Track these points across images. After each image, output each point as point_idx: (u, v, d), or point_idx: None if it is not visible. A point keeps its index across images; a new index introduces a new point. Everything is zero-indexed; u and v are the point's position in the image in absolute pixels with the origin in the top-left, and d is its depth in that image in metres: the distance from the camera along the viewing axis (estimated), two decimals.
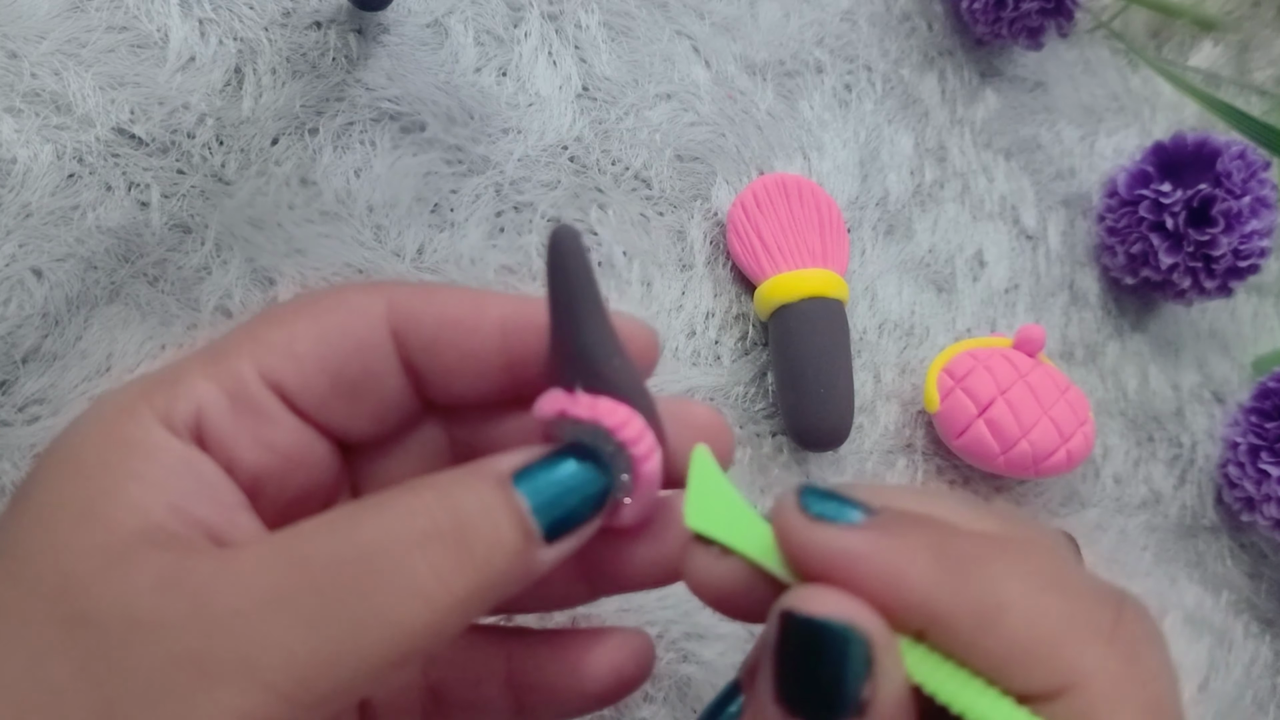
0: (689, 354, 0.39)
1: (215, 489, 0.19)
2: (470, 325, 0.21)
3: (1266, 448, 0.45)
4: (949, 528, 0.19)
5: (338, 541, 0.18)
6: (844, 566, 0.18)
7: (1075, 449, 0.41)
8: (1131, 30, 0.54)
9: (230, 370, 0.20)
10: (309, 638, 0.17)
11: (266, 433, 0.20)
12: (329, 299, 0.21)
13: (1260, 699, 0.46)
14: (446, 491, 0.19)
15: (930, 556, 0.18)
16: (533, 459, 0.20)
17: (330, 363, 0.21)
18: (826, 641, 0.18)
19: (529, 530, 0.19)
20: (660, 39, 0.42)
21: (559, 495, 0.19)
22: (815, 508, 0.19)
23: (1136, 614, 0.18)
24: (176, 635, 0.16)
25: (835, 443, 0.39)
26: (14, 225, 0.31)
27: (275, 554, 0.17)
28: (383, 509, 0.18)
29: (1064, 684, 0.17)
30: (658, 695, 0.35)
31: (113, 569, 0.17)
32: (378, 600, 0.17)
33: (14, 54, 0.32)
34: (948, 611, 0.18)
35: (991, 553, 0.18)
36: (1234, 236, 0.44)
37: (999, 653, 0.17)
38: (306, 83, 0.36)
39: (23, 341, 0.31)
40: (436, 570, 0.18)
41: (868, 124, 0.45)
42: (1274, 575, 0.49)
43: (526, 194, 0.38)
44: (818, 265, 0.39)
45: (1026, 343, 0.42)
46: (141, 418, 0.19)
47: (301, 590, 0.17)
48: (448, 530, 0.18)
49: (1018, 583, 0.18)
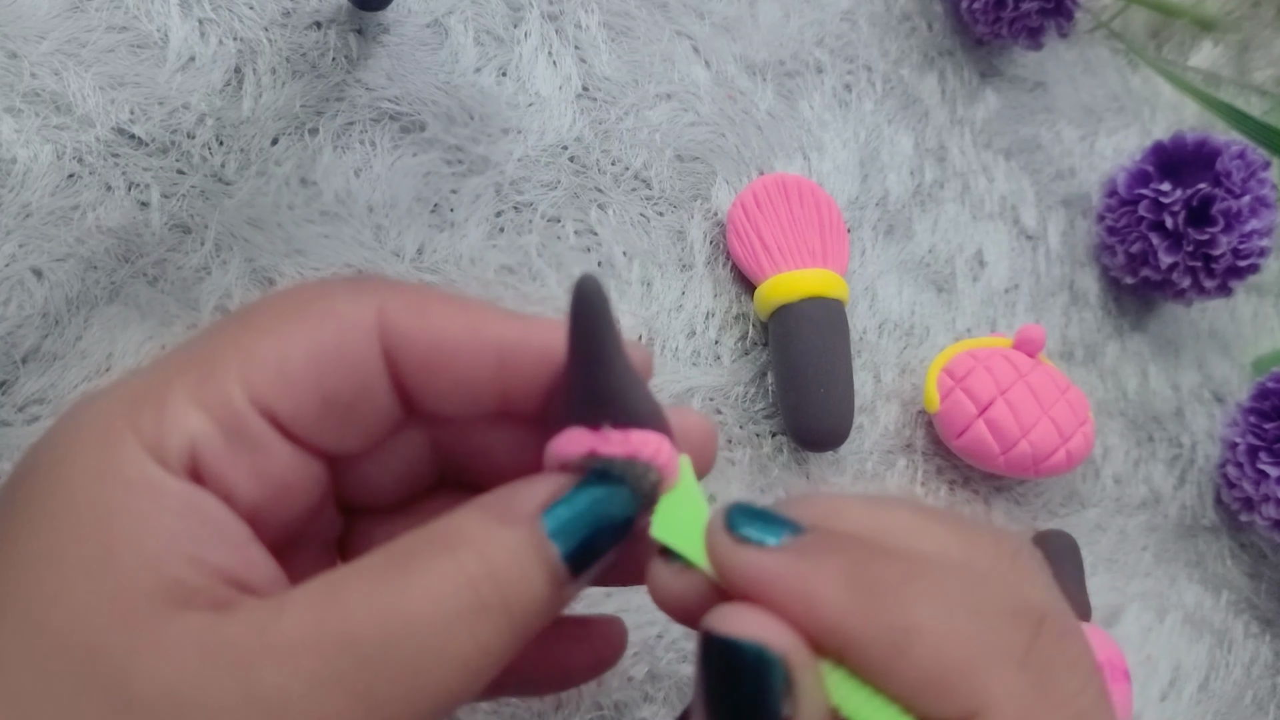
0: (689, 354, 0.39)
1: (223, 529, 0.19)
2: (466, 352, 0.21)
3: (1265, 448, 0.45)
4: (871, 550, 0.19)
5: (384, 617, 0.17)
6: (761, 589, 0.18)
7: (1075, 449, 0.41)
8: (1131, 30, 0.54)
9: (220, 395, 0.19)
10: (358, 713, 0.17)
11: (260, 464, 0.19)
12: (318, 306, 0.20)
13: (1260, 699, 0.46)
14: (482, 551, 0.18)
15: (843, 581, 0.18)
16: (558, 493, 0.20)
17: (324, 386, 0.20)
18: (742, 661, 0.18)
19: (560, 576, 0.19)
20: (660, 39, 0.42)
21: (586, 531, 0.19)
22: (740, 528, 0.19)
23: (1056, 634, 0.18)
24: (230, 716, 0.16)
25: (835, 443, 0.39)
26: (14, 225, 0.31)
27: (321, 626, 0.17)
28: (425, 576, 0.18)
29: (971, 710, 0.17)
30: (658, 695, 0.35)
31: (146, 640, 0.16)
32: (426, 676, 0.17)
33: (14, 54, 0.32)
34: (858, 636, 0.18)
35: (906, 576, 0.18)
36: (1234, 236, 0.44)
37: (909, 679, 0.17)
38: (306, 83, 0.36)
39: (23, 341, 0.31)
40: (478, 638, 0.18)
41: (868, 124, 0.45)
42: (1274, 575, 0.49)
43: (526, 194, 0.38)
44: (818, 265, 0.39)
45: (1026, 343, 0.42)
46: (131, 449, 0.18)
47: (351, 670, 0.17)
48: (490, 598, 0.18)
49: (928, 607, 0.18)
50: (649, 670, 0.35)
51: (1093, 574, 0.44)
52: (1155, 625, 0.45)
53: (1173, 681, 0.45)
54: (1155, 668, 0.44)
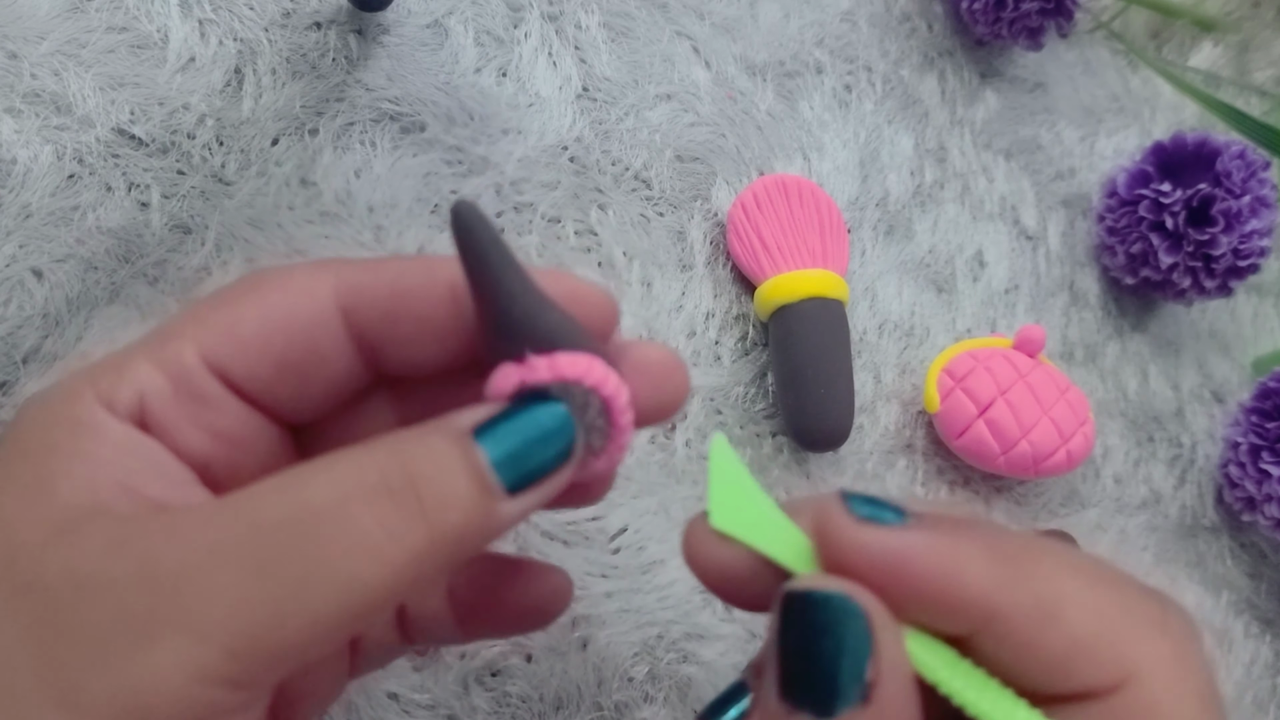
0: (689, 354, 0.39)
1: (163, 467, 0.19)
2: (421, 292, 0.21)
3: (1267, 447, 0.45)
4: (992, 527, 0.19)
5: (284, 498, 0.17)
6: (897, 567, 0.18)
7: (1075, 449, 0.41)
8: (1131, 31, 0.54)
9: (173, 354, 0.20)
10: (254, 592, 0.16)
11: (209, 418, 0.20)
12: (274, 279, 0.21)
13: (1260, 699, 0.46)
14: (398, 448, 0.18)
15: (985, 554, 0.18)
16: (494, 412, 0.19)
17: (275, 345, 0.20)
18: (828, 617, 0.18)
19: (486, 482, 0.18)
20: (660, 39, 0.42)
21: (523, 446, 0.19)
22: (860, 510, 0.19)
23: (1178, 609, 0.19)
24: (122, 594, 0.16)
25: (835, 443, 0.39)
26: (14, 226, 0.31)
27: (221, 512, 0.17)
28: (332, 466, 0.18)
29: (1126, 676, 0.17)
30: (658, 696, 0.35)
31: (61, 537, 0.17)
32: (324, 556, 0.17)
33: (14, 54, 0.32)
34: (1007, 608, 0.18)
35: (1041, 550, 0.19)
36: (1234, 236, 0.44)
37: (1060, 648, 0.18)
38: (306, 83, 0.36)
39: (23, 342, 0.31)
40: (386, 525, 0.17)
41: (868, 124, 0.45)
42: (1274, 575, 0.49)
43: (526, 194, 0.38)
44: (818, 266, 0.39)
45: (1026, 343, 0.42)
46: (84, 400, 0.19)
47: (246, 545, 0.17)
48: (397, 484, 0.18)
49: (1071, 578, 0.18)
50: (649, 671, 0.35)
51: None
52: None
53: None
54: None
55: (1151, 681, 0.17)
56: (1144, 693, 0.17)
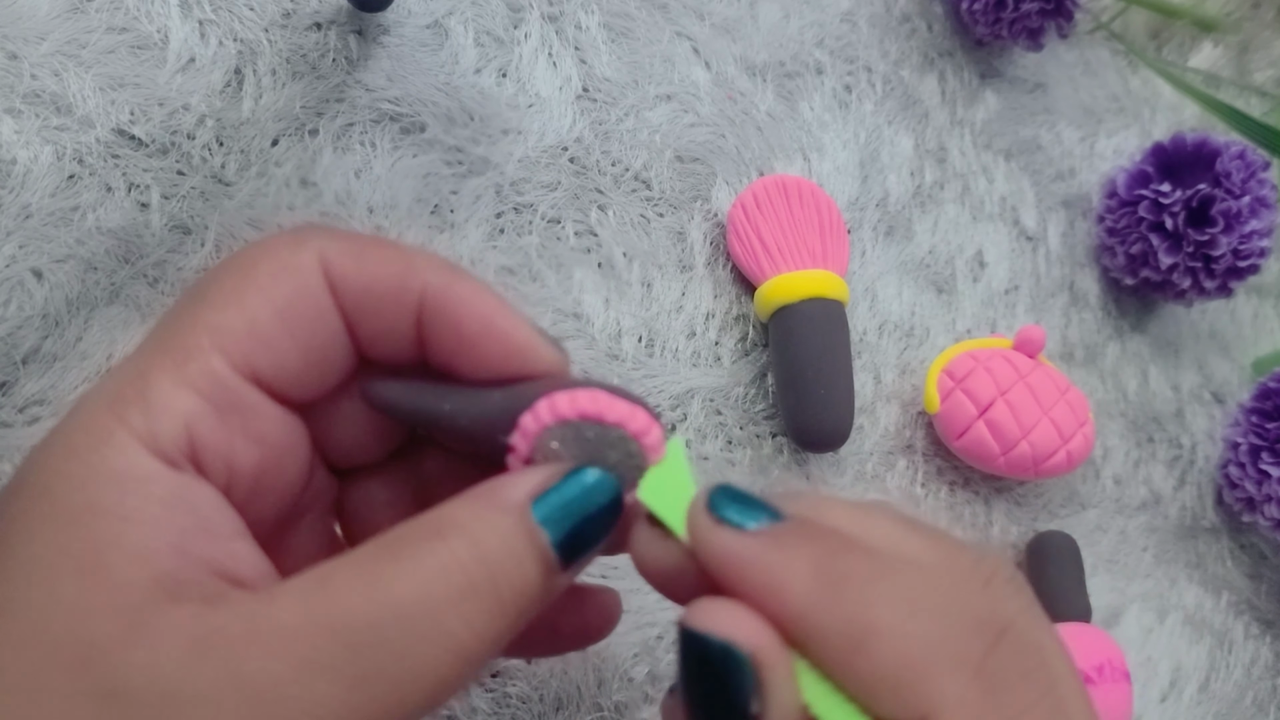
0: (689, 355, 0.39)
1: (211, 519, 0.19)
2: (392, 298, 0.21)
3: (1267, 448, 0.45)
4: (843, 544, 0.19)
5: (373, 602, 0.17)
6: (732, 572, 0.19)
7: (1075, 450, 0.41)
8: (1131, 31, 0.54)
9: (204, 371, 0.19)
10: (350, 700, 0.17)
11: (255, 427, 0.20)
12: (265, 262, 0.20)
13: (1260, 700, 0.46)
14: (474, 537, 0.18)
15: (810, 572, 0.18)
16: (547, 482, 0.20)
17: (296, 335, 0.20)
18: (711, 657, 0.18)
19: (551, 564, 0.19)
20: (660, 40, 0.42)
21: (576, 520, 0.20)
22: (720, 510, 0.19)
23: (1016, 646, 0.18)
24: (216, 708, 0.16)
25: (835, 444, 0.39)
26: (14, 226, 0.31)
27: (310, 614, 0.17)
28: (415, 562, 0.18)
29: (922, 713, 0.17)
30: (658, 696, 0.35)
31: (135, 633, 0.16)
32: (416, 660, 0.17)
33: (14, 55, 0.32)
34: (820, 628, 0.18)
35: (873, 573, 0.18)
36: (1233, 237, 0.44)
37: (866, 676, 0.17)
38: (306, 84, 0.36)
39: (23, 342, 0.31)
40: (469, 623, 0.18)
41: (868, 125, 0.45)
42: (1274, 576, 0.49)
43: (527, 195, 0.38)
44: (818, 266, 0.39)
45: (1026, 344, 0.42)
46: (121, 444, 0.18)
47: (341, 656, 0.17)
48: (480, 582, 0.18)
49: (891, 606, 0.18)
50: (649, 671, 0.35)
51: (1093, 575, 0.44)
52: (1155, 626, 0.45)
53: (1173, 682, 0.45)
54: (1155, 669, 0.44)
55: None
56: None
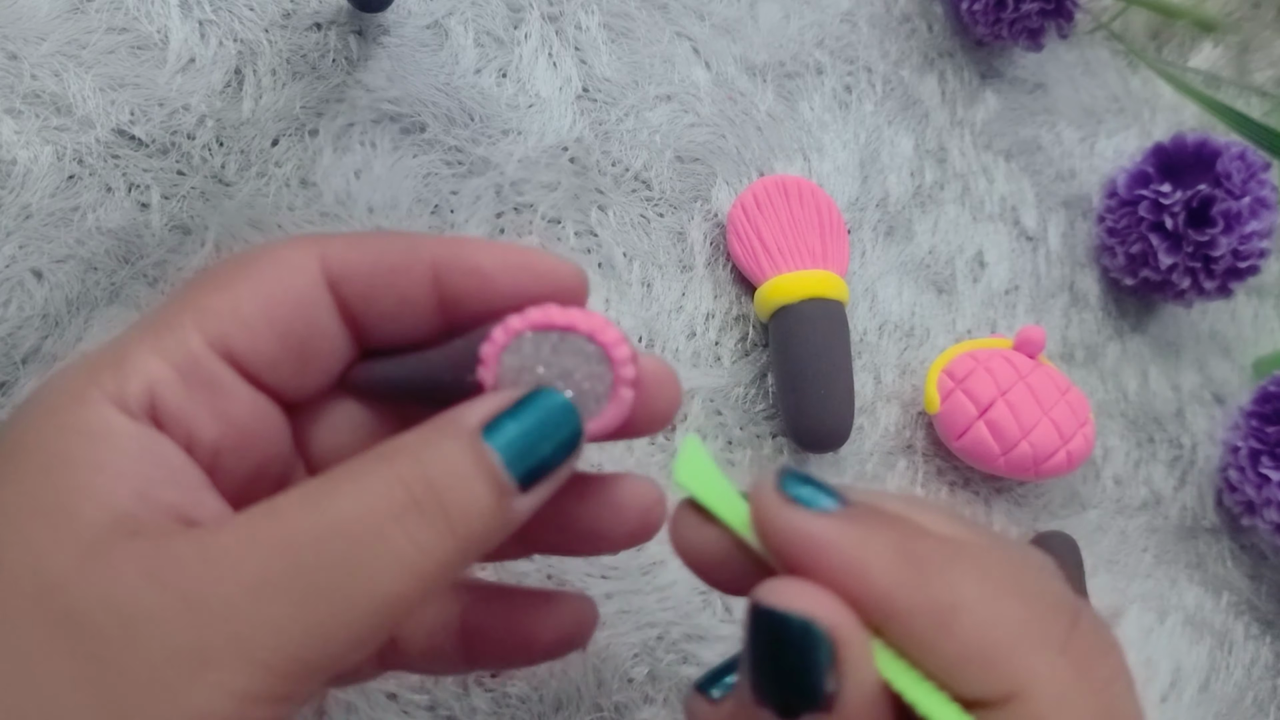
0: (689, 355, 0.39)
1: (177, 471, 0.19)
2: (403, 269, 0.21)
3: (1267, 452, 0.45)
4: (917, 528, 0.19)
5: (317, 519, 0.18)
6: (809, 552, 0.19)
7: (1075, 450, 0.41)
8: (1131, 31, 0.54)
9: (178, 343, 0.20)
10: (299, 616, 0.17)
11: (222, 404, 0.20)
12: (263, 258, 0.21)
13: (1260, 700, 0.46)
14: (418, 457, 0.19)
15: (893, 552, 0.18)
16: (501, 407, 0.20)
17: (277, 324, 0.20)
18: (789, 634, 0.18)
19: (503, 486, 0.19)
20: (660, 40, 0.42)
21: (531, 442, 0.19)
22: (792, 489, 0.19)
23: (1092, 624, 0.18)
24: (170, 627, 0.17)
25: (835, 444, 0.39)
26: (14, 226, 0.31)
27: (256, 536, 0.18)
28: (358, 480, 0.18)
29: (1012, 690, 0.17)
30: (658, 696, 0.35)
31: (92, 564, 0.17)
32: (363, 575, 0.17)
33: (14, 55, 0.32)
34: (905, 609, 0.18)
35: (953, 555, 0.19)
36: (1233, 237, 0.44)
37: (951, 655, 0.18)
38: (306, 84, 0.36)
39: (23, 343, 0.31)
40: (415, 540, 0.18)
41: (868, 125, 0.45)
42: (1274, 577, 0.48)
43: (527, 195, 0.38)
44: (818, 266, 0.39)
45: (1027, 344, 0.42)
46: (94, 402, 0.19)
47: (287, 572, 0.17)
48: (423, 499, 0.18)
49: (975, 586, 0.18)
50: (649, 672, 0.35)
51: (1093, 575, 0.44)
52: (1156, 627, 0.45)
53: (1173, 683, 0.44)
54: (1156, 669, 0.44)
55: (1039, 698, 0.17)
56: (1029, 709, 0.17)
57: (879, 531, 0.19)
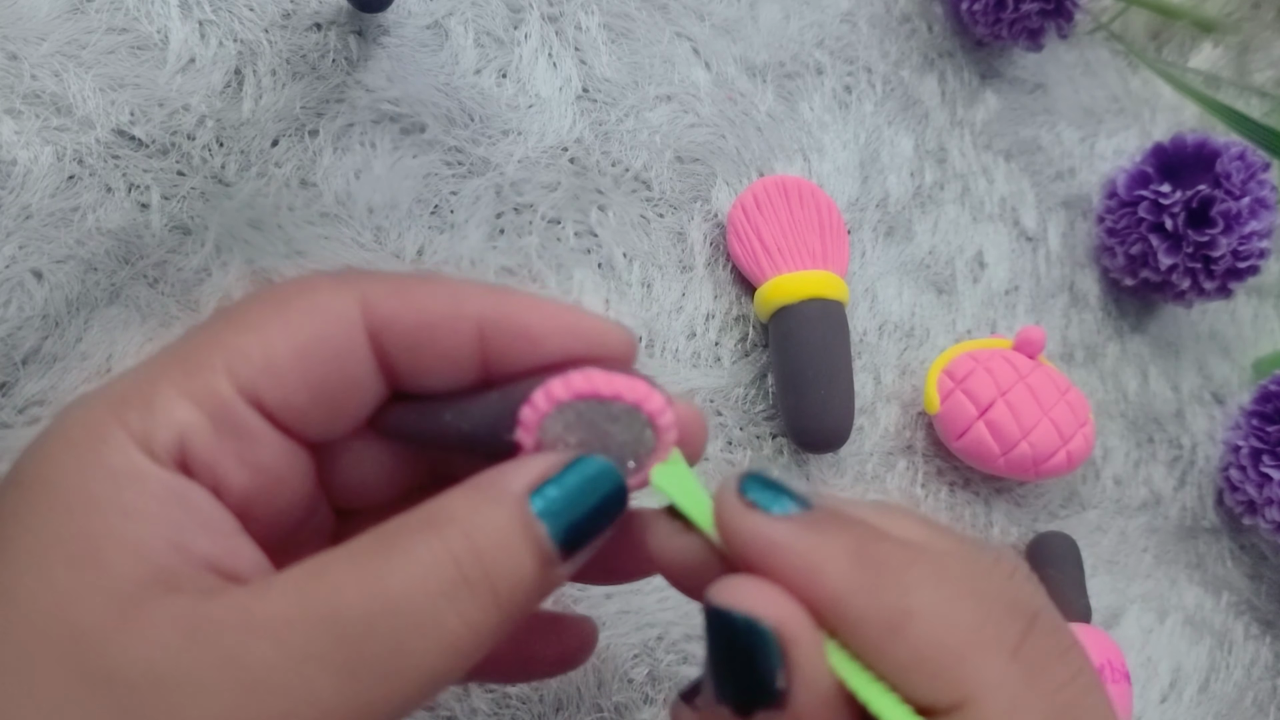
0: (689, 355, 0.39)
1: (209, 518, 0.19)
2: (448, 327, 0.21)
3: (1268, 451, 0.45)
4: (876, 532, 0.19)
5: (366, 594, 0.17)
6: (765, 555, 0.19)
7: (1075, 450, 0.41)
8: (1131, 32, 0.54)
9: (209, 388, 0.19)
10: (343, 690, 0.17)
11: (251, 453, 0.20)
12: (300, 300, 0.20)
13: (1260, 700, 0.46)
14: (466, 527, 0.18)
15: (847, 557, 0.18)
16: (546, 472, 0.19)
17: (311, 375, 0.20)
18: (737, 633, 0.18)
19: (548, 555, 0.19)
20: (660, 41, 0.42)
21: (576, 512, 0.19)
22: (751, 493, 0.19)
23: (1050, 626, 0.18)
24: (210, 694, 0.16)
25: (835, 444, 0.39)
26: (14, 227, 0.31)
27: (305, 605, 0.17)
28: (409, 555, 0.18)
29: (962, 697, 0.17)
30: (658, 697, 0.35)
31: (129, 621, 0.16)
32: (412, 653, 0.17)
33: (14, 55, 0.32)
34: (857, 613, 0.18)
35: (910, 560, 0.18)
36: (1233, 237, 0.44)
37: (902, 661, 0.17)
38: (306, 84, 0.36)
39: (23, 343, 0.31)
40: (466, 618, 0.18)
41: (868, 125, 0.45)
42: (1274, 577, 0.48)
43: (527, 195, 0.38)
44: (818, 267, 0.39)
45: (1026, 344, 0.42)
46: (119, 443, 0.18)
47: (333, 646, 0.17)
48: (474, 576, 0.18)
49: (930, 591, 0.18)
50: (649, 672, 0.35)
51: (1093, 575, 0.44)
52: (1155, 627, 0.45)
53: (1173, 683, 0.44)
54: (1155, 669, 0.44)
55: (987, 705, 0.17)
56: (978, 716, 0.17)
57: (835, 535, 0.19)
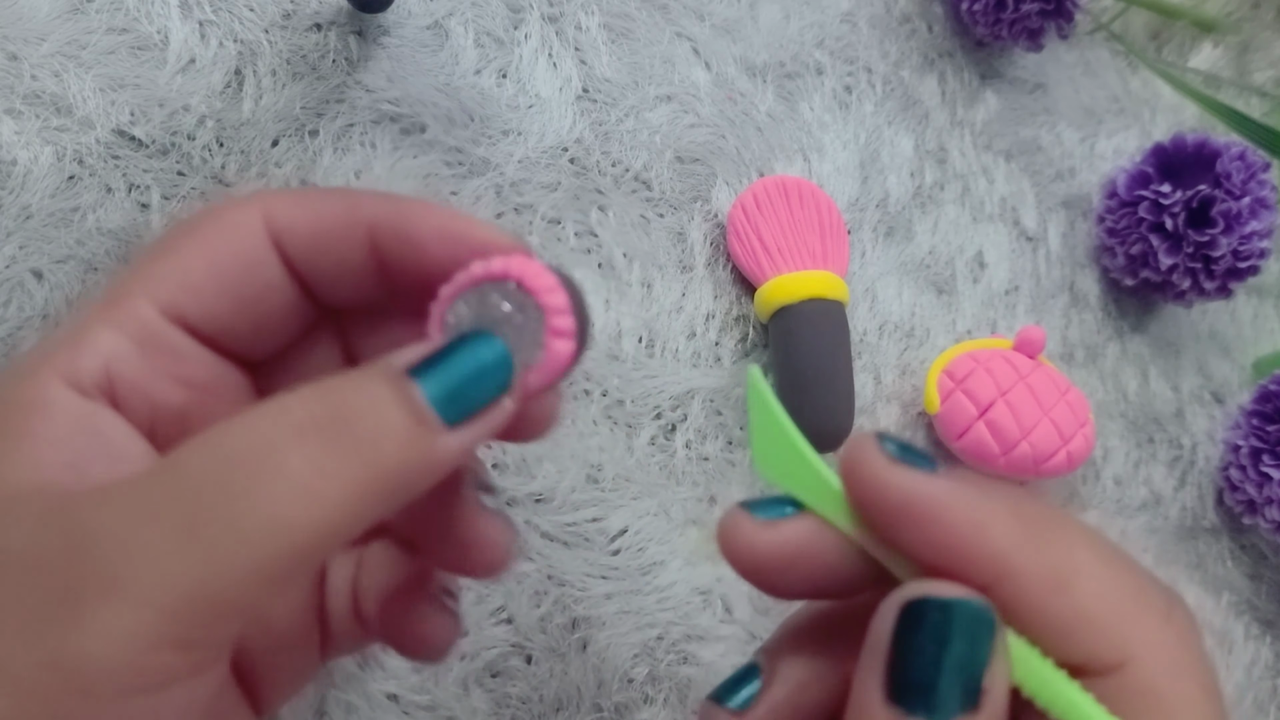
0: (689, 355, 0.39)
1: (116, 444, 0.19)
2: (341, 233, 0.21)
3: (1269, 450, 0.45)
4: (1022, 492, 0.19)
5: (208, 451, 0.17)
6: (925, 511, 0.18)
7: (1075, 450, 0.41)
8: (1131, 32, 0.54)
9: (131, 313, 0.20)
10: (185, 548, 0.16)
11: (179, 369, 0.20)
12: (207, 221, 0.21)
13: (1261, 701, 0.46)
14: (327, 388, 0.18)
15: (1009, 513, 0.18)
16: (430, 350, 0.19)
17: (226, 286, 0.20)
18: (956, 623, 0.17)
19: (423, 415, 0.18)
20: (660, 41, 0.42)
21: (459, 379, 0.18)
22: (896, 452, 0.19)
23: (1184, 604, 0.19)
24: (50, 566, 0.16)
25: (836, 444, 0.39)
26: (14, 227, 0.31)
27: (148, 474, 0.17)
28: (256, 412, 0.17)
29: (1127, 656, 0.17)
30: (658, 697, 0.35)
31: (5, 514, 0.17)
32: (252, 501, 0.16)
33: (14, 56, 0.32)
34: (1022, 569, 0.18)
35: (1063, 522, 0.19)
36: (1233, 238, 0.44)
37: (1066, 618, 0.18)
38: (307, 85, 0.36)
39: (23, 343, 0.31)
40: (315, 464, 0.16)
41: (868, 126, 0.45)
42: (1274, 577, 0.48)
43: (527, 196, 0.38)
44: (818, 267, 0.39)
45: (1027, 344, 0.42)
46: (43, 379, 0.19)
47: (171, 501, 0.16)
48: (324, 422, 0.17)
49: (1089, 552, 0.18)
50: (649, 672, 0.35)
51: None
52: None
53: None
54: None
55: (1153, 665, 0.17)
56: (1144, 675, 0.17)
57: (992, 493, 0.19)
